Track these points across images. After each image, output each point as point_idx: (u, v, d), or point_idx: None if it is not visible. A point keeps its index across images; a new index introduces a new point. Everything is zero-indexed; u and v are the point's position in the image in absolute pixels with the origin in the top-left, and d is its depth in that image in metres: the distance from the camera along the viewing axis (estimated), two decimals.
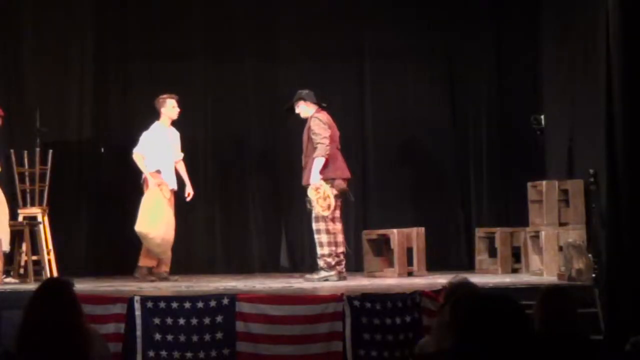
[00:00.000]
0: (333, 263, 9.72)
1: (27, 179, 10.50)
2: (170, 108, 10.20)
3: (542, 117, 10.62)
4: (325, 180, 9.62)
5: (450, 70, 11.72)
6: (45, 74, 11.25)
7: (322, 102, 9.90)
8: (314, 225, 9.71)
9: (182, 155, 10.40)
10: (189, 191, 10.35)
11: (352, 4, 11.72)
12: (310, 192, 9.61)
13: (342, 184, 9.78)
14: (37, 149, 10.46)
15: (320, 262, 9.74)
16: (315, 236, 9.74)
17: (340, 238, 9.82)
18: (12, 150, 10.35)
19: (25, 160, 10.47)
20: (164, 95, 10.22)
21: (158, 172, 10.10)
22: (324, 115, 9.81)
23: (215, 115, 11.64)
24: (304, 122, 9.96)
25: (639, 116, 7.91)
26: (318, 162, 9.58)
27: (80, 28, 11.41)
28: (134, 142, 10.26)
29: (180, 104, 10.25)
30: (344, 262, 9.89)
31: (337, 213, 9.80)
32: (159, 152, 10.13)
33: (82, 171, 11.37)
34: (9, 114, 11.02)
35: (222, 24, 11.69)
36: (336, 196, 9.70)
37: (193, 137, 11.47)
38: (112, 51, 11.58)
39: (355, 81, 11.74)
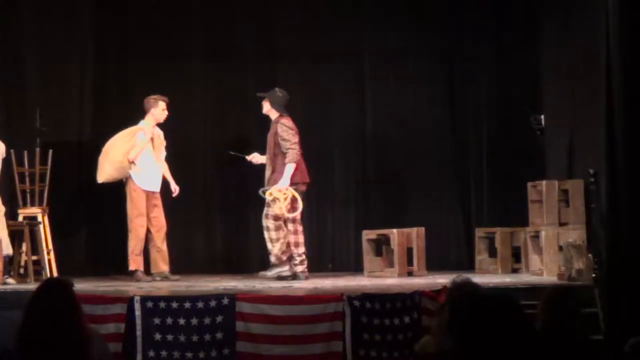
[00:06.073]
0: (284, 258, 9.87)
1: (27, 179, 10.50)
2: (159, 110, 10.22)
3: (542, 117, 10.63)
4: (293, 183, 9.86)
5: (450, 70, 11.71)
6: (46, 74, 11.24)
7: (285, 112, 10.03)
8: (264, 222, 9.92)
9: (164, 154, 10.44)
10: (174, 188, 10.39)
11: (352, 4, 11.72)
12: (276, 193, 9.81)
13: (303, 188, 10.01)
14: (37, 149, 10.46)
15: (272, 259, 9.92)
16: (265, 233, 9.95)
17: (301, 239, 10.01)
18: (12, 150, 10.35)
19: (25, 160, 10.48)
20: (155, 96, 10.25)
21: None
22: (289, 121, 9.96)
23: (215, 115, 11.64)
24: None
25: (639, 116, 7.92)
26: (290, 168, 9.83)
27: (81, 28, 11.40)
28: None
29: (170, 107, 10.28)
30: (306, 262, 9.98)
31: (299, 215, 9.99)
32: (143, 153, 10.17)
33: (82, 171, 11.35)
34: (9, 114, 11.04)
35: (222, 24, 11.68)
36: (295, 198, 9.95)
37: (193, 137, 11.49)
38: (112, 51, 11.57)
39: (355, 81, 11.74)
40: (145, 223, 10.09)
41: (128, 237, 10.14)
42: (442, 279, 8.78)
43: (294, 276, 9.90)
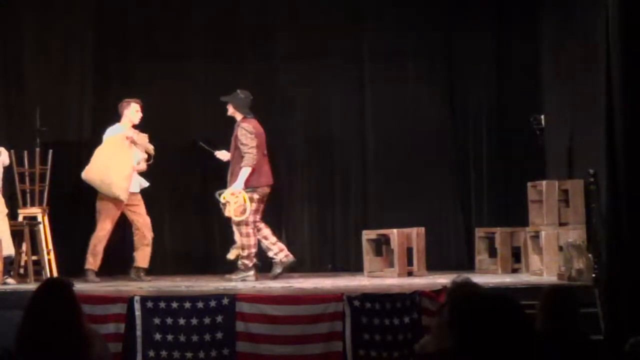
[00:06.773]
0: (250, 265, 9.89)
1: (27, 179, 10.50)
2: (133, 112, 10.32)
3: (542, 117, 10.63)
4: (250, 187, 9.87)
5: (450, 70, 11.71)
6: (45, 74, 11.24)
7: (249, 113, 10.08)
8: (238, 228, 9.98)
9: (150, 155, 10.52)
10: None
11: (352, 4, 11.72)
12: (228, 196, 9.86)
13: (266, 190, 10.06)
14: (37, 149, 10.46)
15: (239, 264, 9.95)
16: (240, 238, 9.99)
17: (266, 232, 10.08)
18: (12, 150, 10.35)
19: (25, 160, 10.48)
20: (128, 99, 10.33)
21: None
22: (251, 124, 10.02)
23: (215, 115, 11.63)
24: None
25: (639, 116, 7.91)
26: (245, 172, 9.88)
27: (81, 28, 11.40)
28: None
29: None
30: (284, 248, 10.10)
31: (258, 217, 10.04)
32: None
33: (82, 171, 11.35)
34: (9, 113, 11.04)
35: (222, 24, 11.68)
36: (259, 200, 9.97)
37: (192, 137, 11.48)
38: (112, 51, 11.57)
39: (355, 81, 11.74)
40: (109, 226, 10.18)
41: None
42: (442, 279, 8.79)
43: (282, 265, 9.96)
